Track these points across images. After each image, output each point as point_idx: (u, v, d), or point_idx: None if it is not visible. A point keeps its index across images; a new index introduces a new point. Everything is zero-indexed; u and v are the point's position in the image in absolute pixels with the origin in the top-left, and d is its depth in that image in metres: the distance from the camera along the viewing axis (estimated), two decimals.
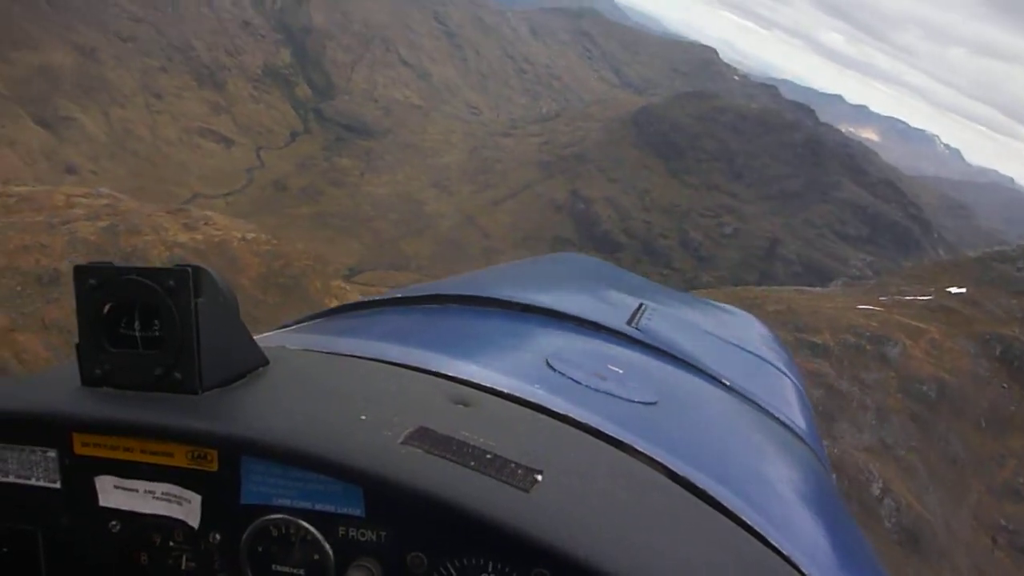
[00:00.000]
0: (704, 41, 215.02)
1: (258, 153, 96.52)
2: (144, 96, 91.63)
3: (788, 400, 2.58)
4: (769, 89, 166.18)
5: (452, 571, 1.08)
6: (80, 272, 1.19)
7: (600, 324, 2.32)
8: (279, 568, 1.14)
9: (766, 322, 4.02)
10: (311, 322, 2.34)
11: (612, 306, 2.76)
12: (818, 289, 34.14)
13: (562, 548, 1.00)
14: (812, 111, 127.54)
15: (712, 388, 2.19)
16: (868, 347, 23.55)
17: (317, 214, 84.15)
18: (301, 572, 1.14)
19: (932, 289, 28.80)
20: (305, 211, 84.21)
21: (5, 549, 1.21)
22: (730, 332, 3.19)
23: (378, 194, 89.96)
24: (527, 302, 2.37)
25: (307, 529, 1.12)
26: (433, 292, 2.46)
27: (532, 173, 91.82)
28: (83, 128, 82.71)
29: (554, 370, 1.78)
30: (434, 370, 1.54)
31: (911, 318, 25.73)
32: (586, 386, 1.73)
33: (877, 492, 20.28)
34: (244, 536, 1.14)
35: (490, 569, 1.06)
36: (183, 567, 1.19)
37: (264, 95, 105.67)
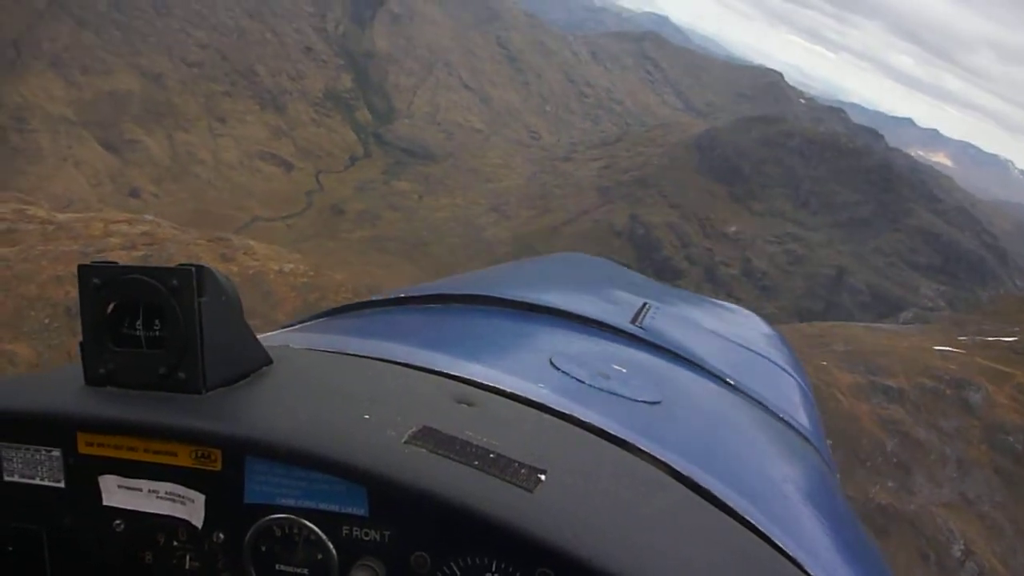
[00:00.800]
0: (770, 65, 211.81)
1: (317, 177, 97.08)
2: (207, 120, 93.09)
3: (793, 400, 2.58)
4: (837, 113, 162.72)
5: (456, 571, 1.08)
6: (84, 271, 1.19)
7: (604, 323, 2.33)
8: (283, 568, 1.15)
9: (769, 320, 3.97)
10: (315, 321, 2.37)
11: (616, 305, 2.74)
12: (889, 326, 32.33)
13: (566, 548, 1.00)
14: (881, 135, 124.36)
15: (716, 387, 2.21)
16: (947, 392, 21.83)
17: (374, 238, 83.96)
18: (305, 572, 1.14)
19: (1017, 329, 26.87)
20: (363, 235, 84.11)
21: (10, 548, 1.22)
22: (735, 331, 3.13)
23: (436, 218, 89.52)
24: (531, 301, 2.38)
25: (311, 529, 1.12)
26: (437, 291, 2.48)
27: (592, 198, 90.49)
28: (148, 151, 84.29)
29: (558, 369, 1.78)
30: (438, 369, 1.54)
31: (994, 361, 23.87)
32: (590, 385, 1.74)
33: (958, 554, 18.51)
34: (248, 536, 1.14)
35: (494, 569, 1.06)
36: (187, 567, 1.19)
37: (325, 119, 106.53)
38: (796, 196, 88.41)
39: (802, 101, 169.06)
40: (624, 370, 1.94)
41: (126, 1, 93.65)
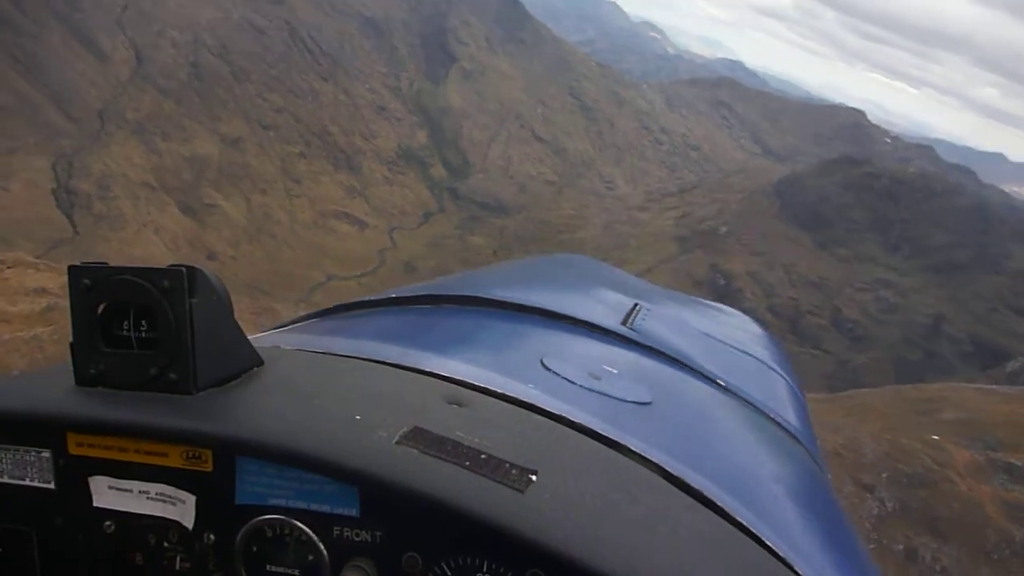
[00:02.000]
0: (850, 104, 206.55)
1: (391, 234, 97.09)
2: (283, 181, 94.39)
3: (783, 400, 2.60)
4: (925, 150, 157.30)
5: (447, 571, 1.08)
6: (74, 272, 1.18)
7: (595, 324, 2.36)
8: (274, 568, 1.15)
9: (760, 321, 4.03)
10: (306, 322, 2.39)
11: (607, 306, 2.74)
12: (1006, 388, 29.15)
13: (557, 548, 1.01)
14: (973, 172, 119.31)
15: (707, 388, 2.23)
16: None
17: None
18: (296, 573, 1.14)
19: None
20: None
21: (0, 550, 1.21)
22: (725, 332, 3.17)
23: None
24: (522, 302, 2.40)
25: (302, 529, 1.12)
26: (428, 292, 2.50)
27: (669, 248, 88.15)
28: (225, 214, 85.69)
29: (549, 370, 1.80)
30: (429, 370, 1.54)
31: None
32: (581, 386, 1.75)
33: None
34: (239, 536, 1.14)
35: (485, 569, 1.07)
36: (177, 568, 1.19)
37: (399, 176, 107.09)
38: (886, 240, 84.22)
39: (887, 140, 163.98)
40: (615, 371, 1.96)
41: (206, 69, 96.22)
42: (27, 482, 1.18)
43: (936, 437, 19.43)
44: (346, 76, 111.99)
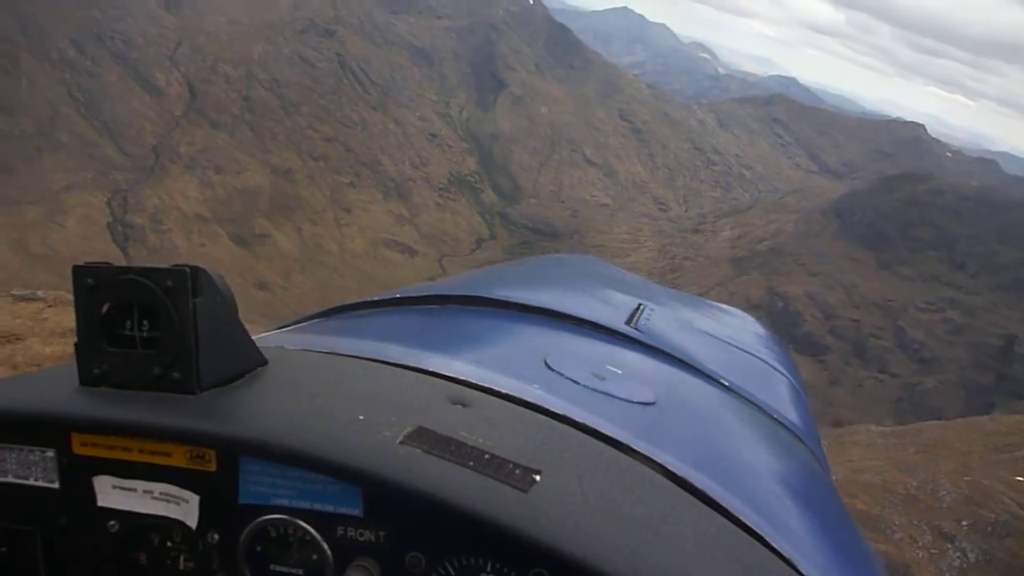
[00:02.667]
0: (907, 118, 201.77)
1: (440, 261, 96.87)
2: (333, 211, 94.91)
3: (787, 400, 2.61)
4: (988, 164, 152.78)
5: (451, 571, 1.09)
6: (78, 272, 1.19)
7: (599, 324, 2.36)
8: (277, 568, 1.16)
9: (764, 322, 3.98)
10: (310, 322, 2.38)
11: (611, 306, 2.76)
12: None
13: (560, 548, 1.01)
14: None
15: (711, 388, 2.24)
16: None
17: None
18: (300, 572, 1.15)
19: None
20: None
21: (3, 549, 1.22)
22: (729, 332, 3.18)
23: None
24: (525, 302, 2.41)
25: (305, 529, 1.13)
26: (432, 292, 2.52)
27: (725, 270, 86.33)
28: (276, 245, 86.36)
29: (552, 370, 1.80)
30: (433, 370, 1.55)
31: None
32: (584, 386, 1.75)
33: None
34: (242, 536, 1.15)
35: (488, 569, 1.07)
36: (181, 567, 1.20)
37: (450, 203, 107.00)
38: (951, 258, 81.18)
39: (948, 154, 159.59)
40: (619, 371, 1.97)
41: (257, 102, 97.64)
42: (31, 482, 1.20)
43: (1020, 479, 17.85)
44: (396, 105, 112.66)
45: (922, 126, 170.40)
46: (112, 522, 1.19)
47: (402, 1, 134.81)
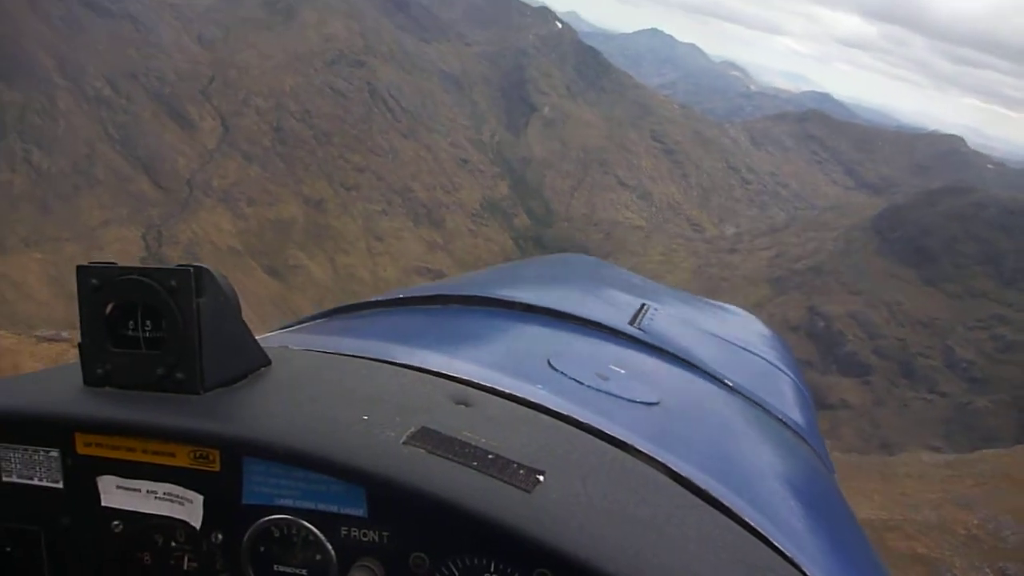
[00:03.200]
0: (945, 130, 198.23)
1: None
2: (366, 240, 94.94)
3: (790, 400, 2.61)
4: None
5: (454, 571, 1.09)
6: (83, 272, 1.19)
7: (602, 324, 2.37)
8: (281, 568, 1.16)
9: (767, 322, 4.00)
10: (313, 322, 2.39)
11: (614, 306, 2.77)
12: None
13: (564, 549, 1.01)
14: None
15: (714, 388, 2.24)
16: None
17: None
18: (303, 572, 1.15)
19: None
20: None
21: (8, 549, 1.22)
22: (732, 332, 3.17)
23: None
24: (529, 302, 2.41)
25: (309, 529, 1.13)
26: (436, 292, 2.50)
27: (763, 290, 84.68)
28: (310, 275, 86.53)
29: (556, 370, 1.80)
30: (436, 370, 1.54)
31: None
32: (588, 386, 1.75)
33: None
34: (246, 536, 1.15)
35: (492, 569, 1.07)
36: (185, 567, 1.20)
37: (482, 228, 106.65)
38: (998, 273, 78.62)
39: (990, 166, 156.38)
40: (622, 371, 1.96)
41: (289, 134, 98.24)
42: (35, 481, 1.20)
43: None
44: (427, 132, 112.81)
45: (961, 138, 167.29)
46: (116, 522, 1.19)
47: (432, 29, 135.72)
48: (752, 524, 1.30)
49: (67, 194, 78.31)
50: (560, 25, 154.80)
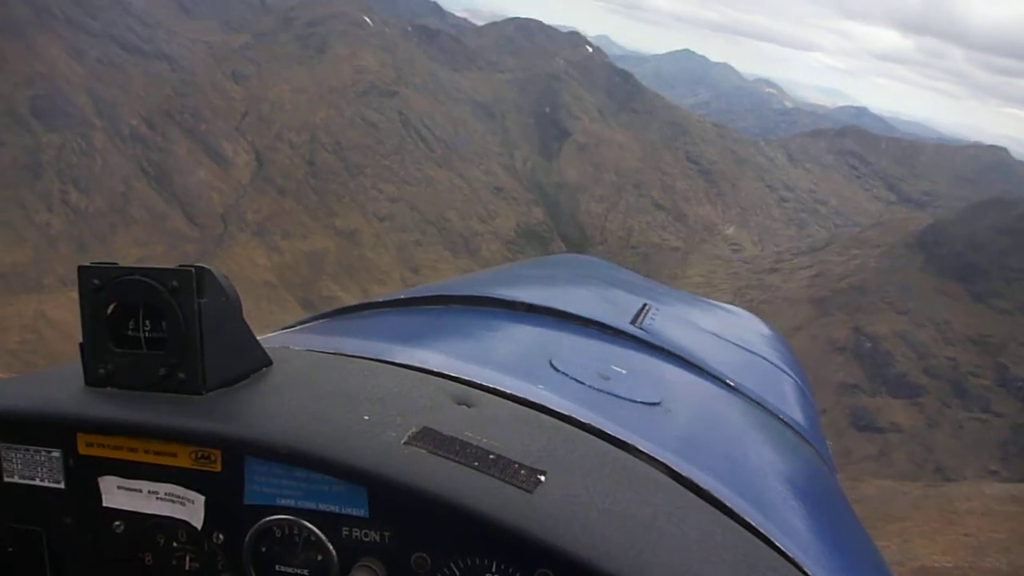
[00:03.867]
0: (987, 142, 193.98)
1: None
2: (400, 270, 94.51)
3: (792, 400, 2.61)
4: None
5: (456, 571, 1.09)
6: (84, 272, 1.19)
7: (603, 324, 2.37)
8: (283, 568, 1.16)
9: (769, 322, 4.01)
10: (315, 323, 2.41)
11: (615, 306, 2.77)
12: None
13: (565, 549, 1.01)
14: None
15: (716, 388, 2.24)
16: None
17: None
18: (305, 572, 1.15)
19: None
20: None
21: (10, 549, 1.22)
22: (734, 332, 3.18)
23: None
24: (530, 302, 2.42)
25: (311, 529, 1.13)
26: (437, 293, 2.52)
27: (805, 311, 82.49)
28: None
29: (557, 370, 1.81)
30: (437, 370, 1.55)
31: None
32: (589, 386, 1.75)
33: None
34: (247, 536, 1.15)
35: (494, 569, 1.08)
36: (187, 567, 1.20)
37: (518, 255, 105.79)
38: None
39: None
40: (624, 371, 1.97)
41: (322, 166, 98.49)
42: (37, 482, 1.19)
43: None
44: (460, 161, 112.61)
45: (1004, 149, 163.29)
46: (118, 522, 1.19)
47: (462, 58, 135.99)
48: (754, 524, 1.30)
49: (104, 233, 79.02)
50: (591, 49, 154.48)
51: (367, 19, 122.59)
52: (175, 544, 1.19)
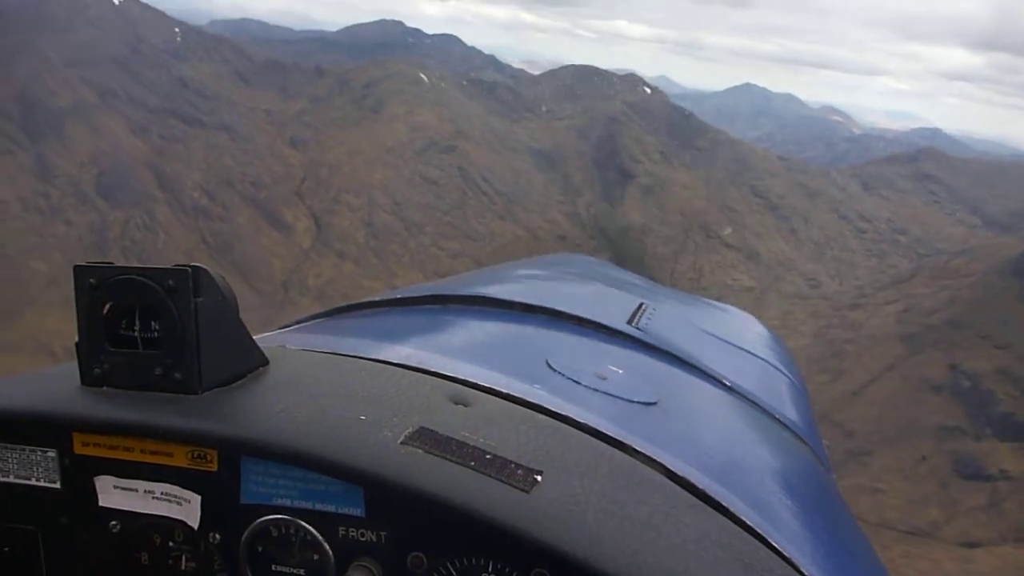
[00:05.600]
0: None
1: None
2: None
3: (788, 400, 2.61)
4: None
5: (452, 571, 1.09)
6: (80, 271, 1.19)
7: (600, 324, 2.38)
8: (279, 568, 1.16)
9: (765, 322, 3.93)
10: (311, 322, 2.42)
11: (612, 306, 2.76)
12: None
13: (562, 548, 1.01)
14: None
15: (712, 388, 2.25)
16: None
17: None
18: (301, 572, 1.16)
19: None
20: None
21: (6, 549, 1.22)
22: (730, 332, 3.17)
23: None
24: (527, 302, 2.43)
25: (307, 529, 1.13)
26: (433, 292, 2.52)
27: (895, 349, 77.46)
28: None
29: (554, 370, 1.81)
30: (434, 370, 1.55)
31: None
32: (586, 386, 1.76)
33: None
34: (244, 536, 1.15)
35: (490, 569, 1.08)
36: (183, 567, 1.20)
37: None
38: None
39: None
40: (620, 371, 1.97)
41: (381, 227, 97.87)
42: (33, 481, 1.19)
43: None
44: (523, 211, 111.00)
45: None
46: (114, 522, 1.19)
47: (520, 108, 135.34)
48: (750, 524, 1.29)
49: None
50: (649, 90, 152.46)
51: (423, 76, 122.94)
52: (171, 544, 1.19)
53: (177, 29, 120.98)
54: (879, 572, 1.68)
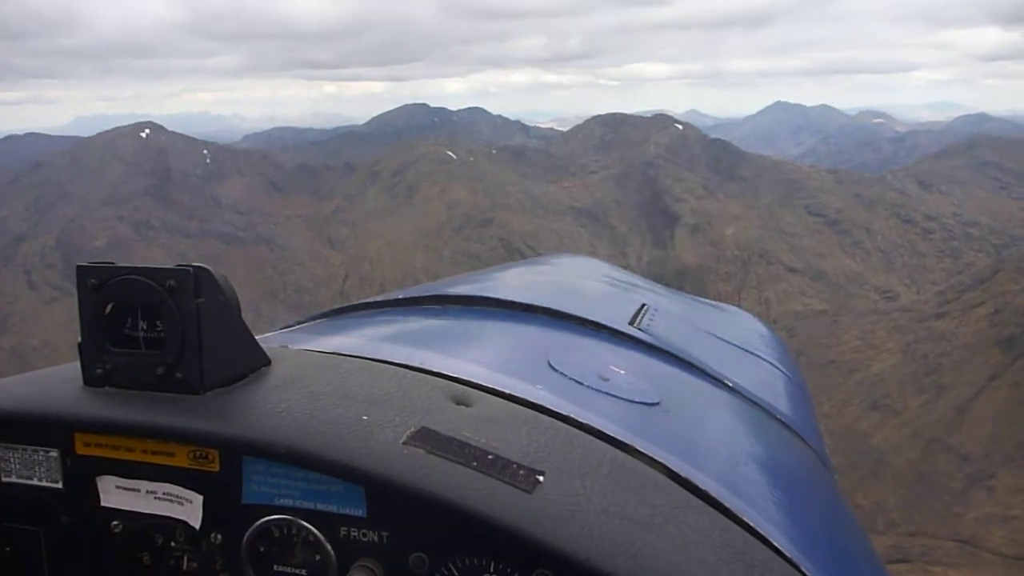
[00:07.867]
0: None
1: None
2: None
3: (790, 400, 2.62)
4: None
5: (454, 571, 1.09)
6: (82, 272, 1.20)
7: (602, 324, 2.37)
8: (281, 568, 1.16)
9: (766, 322, 3.97)
10: (313, 323, 2.40)
11: (613, 306, 2.78)
12: None
13: (564, 549, 1.01)
14: None
15: (714, 388, 2.25)
16: None
17: None
18: (303, 573, 1.15)
19: None
20: None
21: (8, 549, 1.23)
22: (732, 332, 3.18)
23: None
24: (529, 302, 2.43)
25: (309, 529, 1.13)
26: (435, 293, 2.52)
27: (994, 356, 71.25)
28: None
29: (556, 371, 1.82)
30: (436, 371, 1.55)
31: None
32: (588, 386, 1.77)
33: None
34: (246, 536, 1.15)
35: (492, 569, 1.08)
36: (185, 567, 1.20)
37: None
38: None
39: None
40: (622, 371, 1.97)
41: None
42: (35, 481, 1.20)
43: None
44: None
45: None
46: (115, 522, 1.19)
47: (553, 168, 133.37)
48: (751, 524, 1.29)
49: None
50: (680, 127, 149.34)
51: (450, 153, 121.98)
52: (173, 544, 1.19)
53: (206, 151, 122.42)
54: (880, 573, 1.68)
